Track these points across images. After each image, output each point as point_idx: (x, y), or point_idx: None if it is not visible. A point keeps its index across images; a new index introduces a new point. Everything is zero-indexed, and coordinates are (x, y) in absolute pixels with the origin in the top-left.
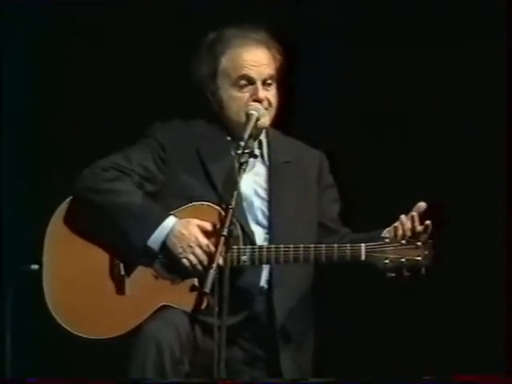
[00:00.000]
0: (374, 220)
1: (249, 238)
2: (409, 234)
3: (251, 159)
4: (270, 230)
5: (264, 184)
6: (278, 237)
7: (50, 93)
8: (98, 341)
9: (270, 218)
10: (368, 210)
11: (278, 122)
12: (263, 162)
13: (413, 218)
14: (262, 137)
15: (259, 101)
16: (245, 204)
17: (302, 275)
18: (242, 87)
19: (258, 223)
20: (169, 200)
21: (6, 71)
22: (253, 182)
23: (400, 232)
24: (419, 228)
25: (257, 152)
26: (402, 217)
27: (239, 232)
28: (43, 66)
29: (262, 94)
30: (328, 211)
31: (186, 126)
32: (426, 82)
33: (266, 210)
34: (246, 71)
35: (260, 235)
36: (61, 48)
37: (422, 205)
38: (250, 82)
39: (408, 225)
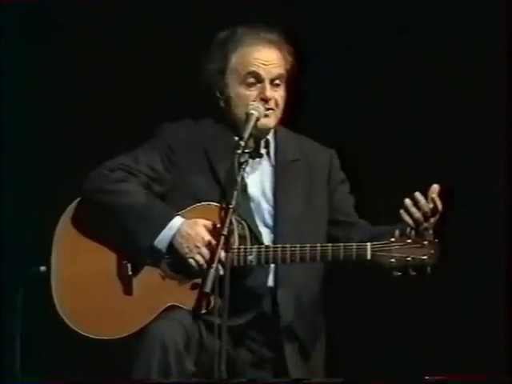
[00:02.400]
0: (382, 221)
1: (256, 238)
2: (428, 213)
3: (257, 159)
4: (275, 229)
5: (271, 184)
6: (283, 236)
7: (56, 93)
8: (104, 341)
9: (274, 218)
10: (374, 210)
11: (288, 123)
12: (270, 162)
13: (433, 199)
14: (270, 136)
15: (266, 100)
16: (252, 205)
17: (309, 275)
18: (249, 85)
19: (266, 224)
20: (177, 200)
21: (7, 70)
22: (260, 182)
23: (417, 215)
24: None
25: (263, 151)
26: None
27: (247, 232)
28: (49, 65)
29: (269, 93)
30: (342, 207)
31: (195, 126)
32: (432, 82)
33: (272, 210)
34: (255, 68)
35: (267, 236)
36: (68, 47)
37: (436, 187)
38: (258, 80)
39: (426, 206)
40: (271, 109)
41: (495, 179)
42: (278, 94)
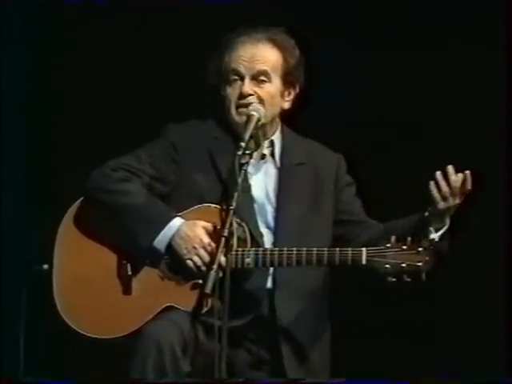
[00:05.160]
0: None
1: (256, 241)
2: (456, 189)
3: (261, 161)
4: (276, 231)
5: (275, 186)
6: (284, 238)
7: (56, 93)
8: (103, 340)
9: (276, 219)
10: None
11: (292, 123)
12: (275, 164)
13: (465, 175)
14: (275, 137)
15: (243, 96)
16: (256, 206)
17: (309, 277)
18: (231, 83)
19: (268, 226)
20: (181, 200)
21: (8, 68)
22: (264, 184)
23: (445, 189)
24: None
25: (266, 152)
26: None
27: (247, 234)
28: (49, 65)
29: (246, 88)
30: (349, 208)
31: (199, 126)
32: (436, 84)
33: (275, 212)
34: (236, 65)
35: (269, 238)
36: (68, 47)
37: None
38: (240, 76)
39: (456, 182)
40: (250, 104)
41: (495, 180)
42: (263, 90)
